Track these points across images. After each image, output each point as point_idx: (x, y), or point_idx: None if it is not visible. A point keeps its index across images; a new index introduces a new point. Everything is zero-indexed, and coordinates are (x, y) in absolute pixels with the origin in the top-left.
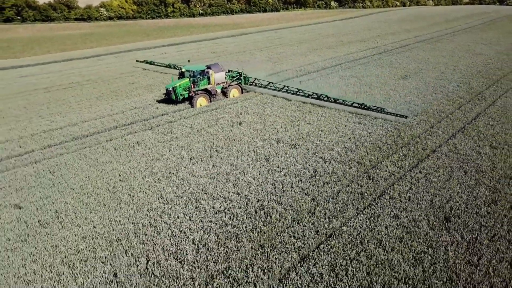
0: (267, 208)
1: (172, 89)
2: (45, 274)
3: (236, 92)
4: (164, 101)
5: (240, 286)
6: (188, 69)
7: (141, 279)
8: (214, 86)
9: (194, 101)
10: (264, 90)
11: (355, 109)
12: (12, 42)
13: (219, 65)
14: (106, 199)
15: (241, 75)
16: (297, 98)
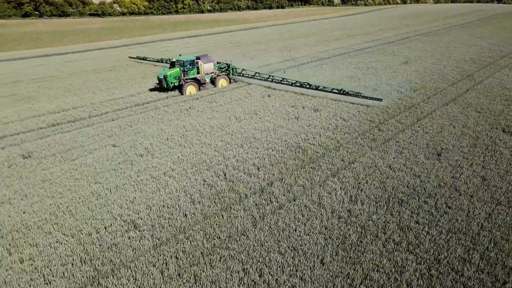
0: (303, 147)
1: (163, 77)
2: (155, 181)
3: (224, 81)
4: (157, 89)
5: (292, 188)
6: (178, 59)
7: (224, 183)
8: (203, 76)
9: (184, 88)
10: (251, 80)
11: (335, 95)
12: (37, 35)
13: (208, 56)
14: (180, 141)
15: (229, 66)
16: (282, 87)
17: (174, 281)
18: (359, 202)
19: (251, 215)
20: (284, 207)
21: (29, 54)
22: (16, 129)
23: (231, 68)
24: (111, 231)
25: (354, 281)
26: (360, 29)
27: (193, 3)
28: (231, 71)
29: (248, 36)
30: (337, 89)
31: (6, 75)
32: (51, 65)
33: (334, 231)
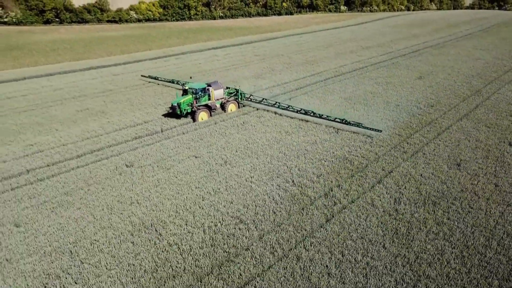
0: (349, 158)
1: (177, 105)
2: (241, 186)
3: (233, 106)
4: (169, 115)
5: (349, 192)
6: (191, 87)
7: (294, 188)
8: (214, 102)
9: (196, 115)
10: (259, 105)
11: (338, 124)
12: (69, 44)
13: (218, 83)
14: (247, 153)
15: (237, 91)
16: (287, 113)
17: (282, 260)
18: (402, 203)
19: (323, 213)
20: (347, 208)
21: (77, 67)
22: (108, 142)
23: (240, 93)
24: (225, 225)
25: (409, 260)
26: (372, 40)
27: (205, 10)
28: (240, 96)
29: (270, 48)
30: (339, 119)
31: (69, 88)
32: (102, 78)
33: (388, 225)
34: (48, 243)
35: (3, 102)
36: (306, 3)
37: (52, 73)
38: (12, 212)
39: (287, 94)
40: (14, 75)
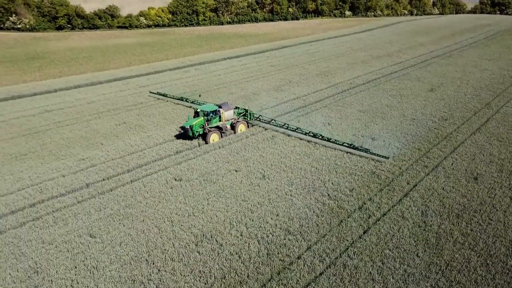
0: (377, 172)
1: (190, 127)
2: (283, 200)
3: (243, 127)
4: (181, 136)
5: (380, 206)
6: (202, 110)
7: (331, 202)
8: (225, 123)
9: (208, 137)
10: (267, 125)
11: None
12: (88, 52)
13: (228, 104)
14: (282, 167)
15: (247, 112)
16: (296, 135)
17: (331, 268)
18: (429, 215)
19: (360, 225)
20: (380, 220)
21: (102, 78)
22: (153, 156)
23: (249, 113)
24: (276, 236)
25: (441, 267)
26: (381, 49)
27: (213, 15)
28: (249, 116)
29: (283, 58)
30: (347, 144)
31: (101, 101)
32: (129, 90)
33: (418, 236)
34: (125, 253)
35: (45, 116)
36: (311, 9)
37: (80, 84)
38: (84, 224)
39: (308, 107)
40: (45, 87)
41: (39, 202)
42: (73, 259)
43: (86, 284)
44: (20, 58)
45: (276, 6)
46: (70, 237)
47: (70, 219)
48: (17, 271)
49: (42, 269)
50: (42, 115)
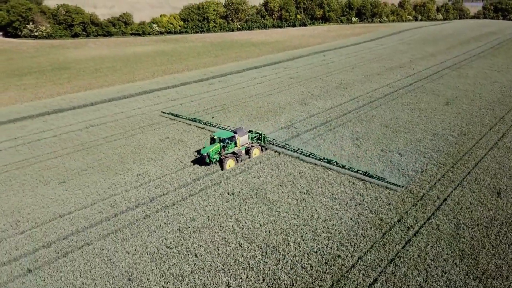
0: (409, 188)
1: (207, 155)
2: (328, 214)
3: (257, 151)
4: (197, 161)
5: (417, 219)
6: (218, 136)
7: (373, 216)
8: (240, 149)
9: (224, 163)
10: (281, 150)
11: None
12: (106, 62)
13: (243, 129)
14: (323, 182)
15: (260, 135)
16: (310, 160)
17: (383, 275)
18: (461, 227)
19: (402, 237)
20: (418, 232)
21: (132, 90)
22: (202, 171)
23: (263, 137)
24: (330, 247)
25: (478, 275)
26: (392, 59)
27: (223, 22)
28: (263, 140)
29: (301, 69)
30: (362, 171)
31: (139, 116)
32: (162, 103)
33: (454, 247)
34: (202, 263)
35: (91, 131)
36: (319, 15)
37: (114, 98)
38: (159, 236)
39: (334, 122)
40: (81, 100)
41: (112, 216)
42: (159, 268)
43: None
44: (46, 69)
45: (284, 13)
46: (150, 248)
47: (145, 232)
48: (113, 279)
49: (134, 277)
50: (88, 129)
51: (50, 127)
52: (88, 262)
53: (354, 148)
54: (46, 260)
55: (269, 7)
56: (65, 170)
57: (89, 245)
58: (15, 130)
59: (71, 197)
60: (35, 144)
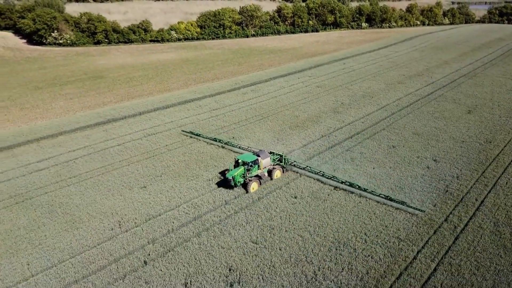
0: (450, 189)
1: (232, 178)
2: (383, 209)
3: (279, 173)
4: (222, 184)
5: (456, 228)
6: (242, 160)
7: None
8: (263, 171)
9: (249, 187)
10: (302, 171)
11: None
12: (136, 71)
13: (265, 152)
14: (373, 184)
15: (281, 157)
16: (331, 182)
17: (441, 266)
18: (500, 225)
19: (451, 234)
20: (465, 230)
21: (173, 100)
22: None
23: (284, 159)
24: (392, 242)
25: None
26: (409, 67)
27: (238, 29)
28: (284, 161)
29: (326, 78)
30: (383, 195)
31: (188, 125)
32: (205, 113)
33: (497, 242)
34: (288, 255)
35: (151, 139)
36: (330, 21)
37: (158, 107)
38: (243, 233)
39: (369, 130)
40: (130, 110)
41: (198, 216)
42: (253, 260)
43: (274, 278)
44: (82, 78)
45: (297, 19)
46: (239, 244)
47: (231, 230)
48: (217, 269)
49: (234, 268)
50: (147, 138)
51: (112, 136)
52: (192, 255)
53: (393, 156)
54: (157, 253)
55: (282, 13)
56: (142, 176)
57: (188, 241)
58: (81, 139)
59: (156, 200)
60: (105, 153)
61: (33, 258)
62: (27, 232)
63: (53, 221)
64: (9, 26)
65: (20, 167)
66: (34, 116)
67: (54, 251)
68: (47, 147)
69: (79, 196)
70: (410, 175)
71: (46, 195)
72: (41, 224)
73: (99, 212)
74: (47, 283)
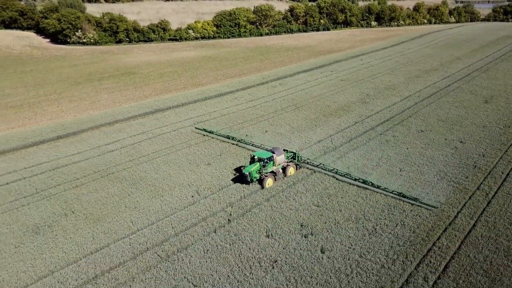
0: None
1: (248, 174)
2: (424, 179)
3: (292, 170)
4: (238, 180)
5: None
6: (258, 156)
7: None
8: (277, 167)
9: (264, 182)
10: (315, 168)
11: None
12: (165, 67)
13: (279, 149)
14: (410, 162)
15: (295, 155)
16: (344, 179)
17: (480, 221)
18: None
19: (484, 198)
20: (495, 196)
21: (210, 93)
22: (318, 152)
23: (297, 156)
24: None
25: None
26: (424, 63)
27: (252, 27)
28: (297, 158)
29: (347, 72)
30: (397, 192)
31: (234, 113)
32: (243, 104)
33: None
34: (348, 215)
35: (202, 126)
36: (341, 20)
37: (197, 99)
38: (308, 199)
39: (396, 118)
40: (171, 101)
41: (259, 189)
42: (320, 219)
43: (341, 231)
44: (115, 74)
45: (309, 18)
46: (304, 207)
47: (294, 197)
48: (292, 224)
49: (306, 224)
50: (202, 124)
51: (164, 123)
52: (268, 215)
53: (423, 138)
54: (237, 214)
55: (294, 12)
56: (204, 156)
57: (260, 204)
58: (137, 126)
59: (223, 174)
60: (163, 137)
61: (134, 217)
62: (121, 198)
63: (139, 191)
64: (31, 26)
65: (92, 149)
66: (84, 107)
67: (150, 212)
68: (109, 133)
69: (154, 171)
70: (441, 153)
71: (124, 171)
72: (130, 192)
73: (176, 184)
74: (153, 235)
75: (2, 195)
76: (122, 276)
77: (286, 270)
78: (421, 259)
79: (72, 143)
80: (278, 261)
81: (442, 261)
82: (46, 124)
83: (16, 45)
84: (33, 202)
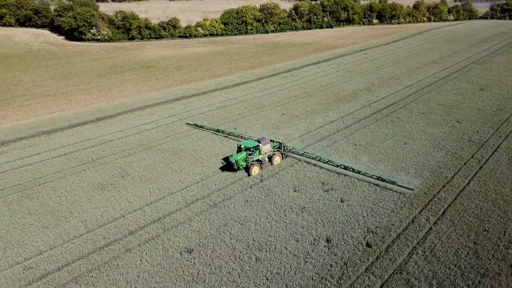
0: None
1: (235, 162)
2: (425, 152)
3: (278, 159)
4: (226, 168)
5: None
6: (245, 145)
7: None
8: (263, 156)
9: (250, 170)
10: (300, 157)
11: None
12: (180, 61)
13: (266, 139)
14: (416, 137)
15: (281, 144)
16: (327, 167)
17: (474, 180)
18: None
19: (477, 164)
20: (487, 162)
21: (228, 83)
22: (319, 135)
23: (283, 146)
24: (437, 168)
25: None
26: (424, 56)
27: (259, 25)
28: (283, 148)
29: (353, 65)
30: (376, 176)
31: (252, 100)
32: (259, 92)
33: (511, 168)
34: (362, 176)
35: (226, 109)
36: (344, 18)
37: (217, 88)
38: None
39: (399, 103)
40: (194, 90)
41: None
42: (337, 178)
43: (359, 187)
44: (134, 67)
45: (313, 16)
46: (324, 170)
47: (313, 167)
48: (313, 183)
49: (326, 182)
50: (222, 109)
51: (191, 107)
52: (293, 176)
53: (424, 119)
54: (268, 175)
55: (299, 11)
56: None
57: (283, 170)
58: (166, 110)
59: None
60: (193, 119)
61: (181, 178)
62: (167, 164)
63: (181, 159)
64: (45, 24)
65: (131, 128)
66: (113, 95)
67: (194, 174)
68: (143, 115)
69: (191, 145)
70: (440, 131)
71: (165, 144)
72: (173, 160)
73: (211, 154)
74: (200, 190)
75: (63, 162)
76: (181, 217)
77: (313, 213)
78: (424, 206)
79: (112, 123)
80: (306, 208)
81: (441, 208)
82: (83, 109)
83: (34, 42)
84: (93, 167)
